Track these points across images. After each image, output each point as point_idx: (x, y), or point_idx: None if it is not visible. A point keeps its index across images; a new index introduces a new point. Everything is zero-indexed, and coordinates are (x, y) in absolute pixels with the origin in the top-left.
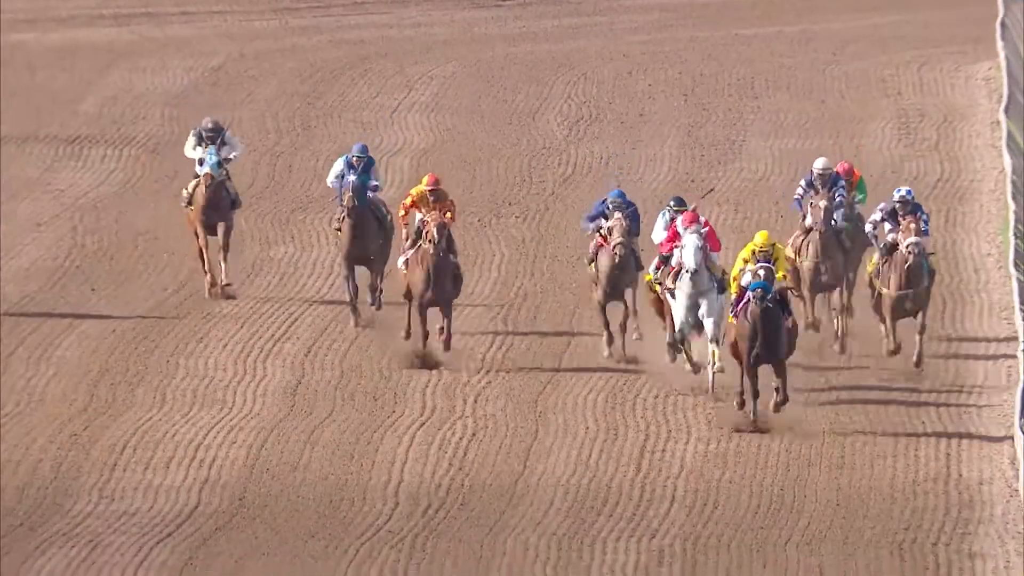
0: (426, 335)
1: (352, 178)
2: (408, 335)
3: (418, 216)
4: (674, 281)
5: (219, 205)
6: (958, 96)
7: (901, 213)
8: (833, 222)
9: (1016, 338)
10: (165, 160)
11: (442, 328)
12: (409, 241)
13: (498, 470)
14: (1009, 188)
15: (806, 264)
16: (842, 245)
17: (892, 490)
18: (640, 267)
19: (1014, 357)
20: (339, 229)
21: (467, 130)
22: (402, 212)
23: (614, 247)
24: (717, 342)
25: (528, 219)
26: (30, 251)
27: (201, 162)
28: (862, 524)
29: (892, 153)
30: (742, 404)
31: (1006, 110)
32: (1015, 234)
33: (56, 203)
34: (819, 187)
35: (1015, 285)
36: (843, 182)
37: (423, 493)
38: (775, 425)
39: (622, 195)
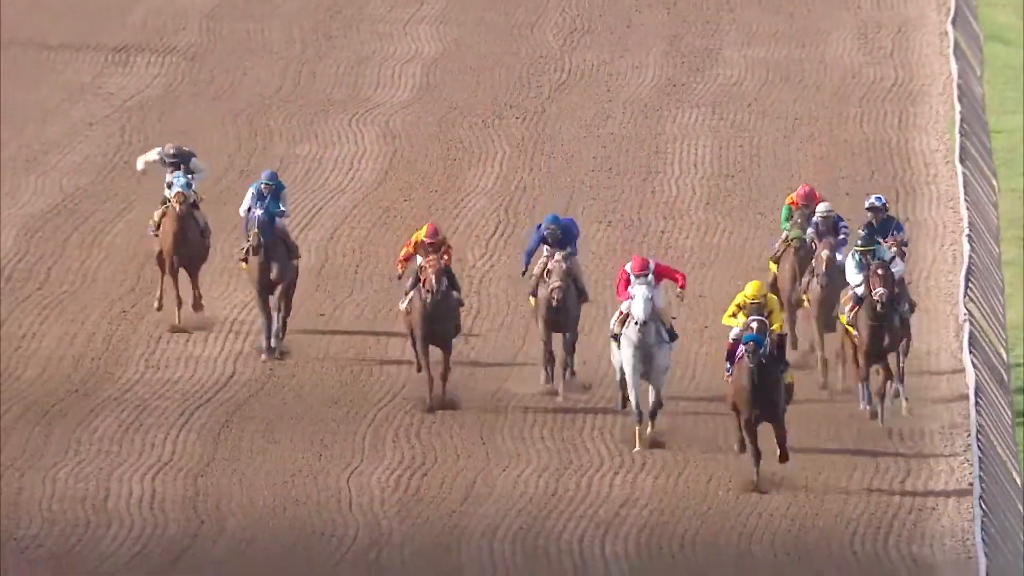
0: (431, 380)
1: (259, 212)
2: (420, 368)
3: (418, 259)
4: (622, 327)
5: (188, 236)
6: (910, 9)
7: (875, 224)
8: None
9: (961, 223)
10: (203, 67)
11: (441, 369)
12: (409, 282)
13: (500, 345)
14: (955, 91)
15: (811, 310)
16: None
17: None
18: (584, 298)
19: (959, 242)
20: (244, 260)
21: (472, 40)
22: (401, 259)
23: (551, 291)
24: (661, 404)
25: (527, 120)
26: (82, 148)
27: (170, 185)
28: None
29: (852, 60)
30: (743, 448)
31: (953, 21)
32: (960, 132)
33: (106, 105)
34: (821, 233)
35: (960, 178)
36: (845, 225)
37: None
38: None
39: (556, 220)
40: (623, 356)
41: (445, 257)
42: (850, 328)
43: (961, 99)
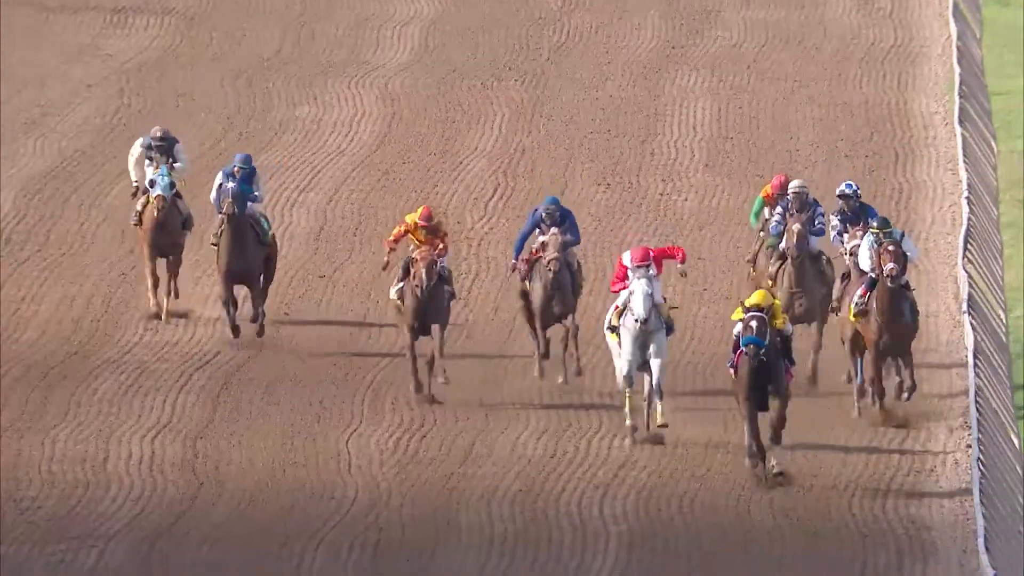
0: (417, 377)
1: (231, 185)
2: (415, 377)
3: (410, 247)
4: (619, 319)
5: (170, 228)
6: None
7: (847, 211)
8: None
9: (960, 185)
10: (202, 29)
11: (431, 363)
12: (400, 273)
13: (499, 307)
14: (955, 53)
15: (780, 295)
16: (822, 273)
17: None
18: (579, 289)
19: (958, 204)
20: (215, 244)
21: (471, 3)
22: (392, 238)
23: (548, 262)
24: (661, 394)
25: (526, 83)
26: (82, 110)
27: (152, 183)
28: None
29: (852, 22)
30: (754, 463)
31: None
32: (959, 94)
33: (104, 67)
34: (794, 210)
35: (959, 140)
36: (821, 210)
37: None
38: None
39: (556, 202)
40: (622, 347)
41: (441, 246)
42: (856, 319)
43: (960, 61)
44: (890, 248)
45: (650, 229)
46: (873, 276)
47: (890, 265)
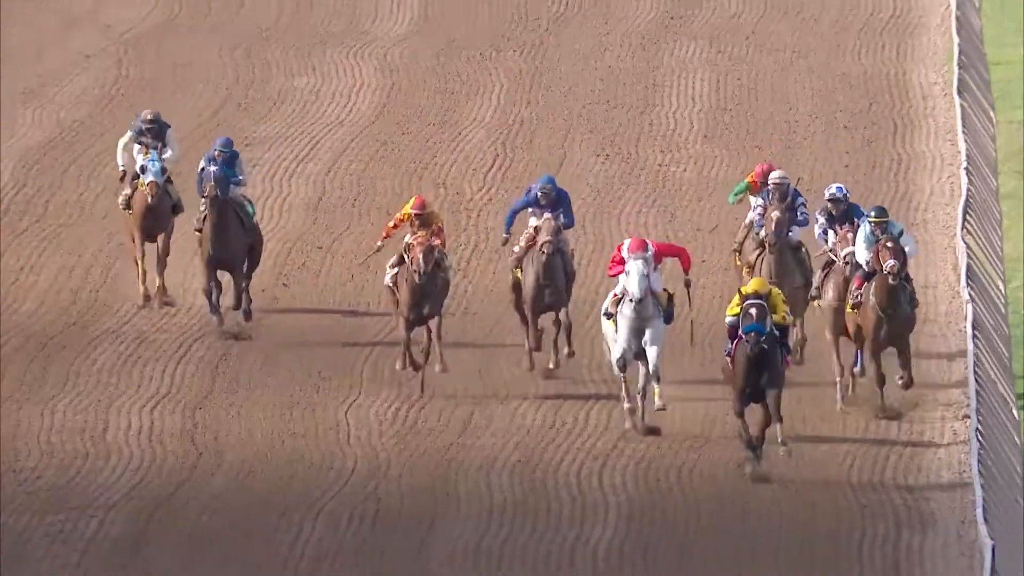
0: (413, 359)
1: (214, 168)
2: (405, 365)
3: (407, 237)
4: (616, 307)
5: (161, 213)
6: None
7: (835, 213)
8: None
9: (959, 156)
10: None
11: (427, 351)
12: (395, 258)
13: (498, 278)
14: (954, 23)
15: None
16: (801, 263)
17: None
18: (572, 276)
19: (957, 175)
20: (199, 230)
21: None
22: (384, 234)
23: (541, 245)
24: (658, 378)
25: (525, 53)
26: (80, 80)
27: (144, 169)
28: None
29: None
30: (753, 449)
31: None
32: (958, 64)
33: (103, 37)
34: (775, 200)
35: (958, 110)
36: (803, 200)
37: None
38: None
39: (552, 181)
40: (619, 335)
41: (437, 240)
42: (853, 311)
43: (959, 31)
44: (888, 244)
45: (648, 200)
46: (867, 269)
47: (891, 262)
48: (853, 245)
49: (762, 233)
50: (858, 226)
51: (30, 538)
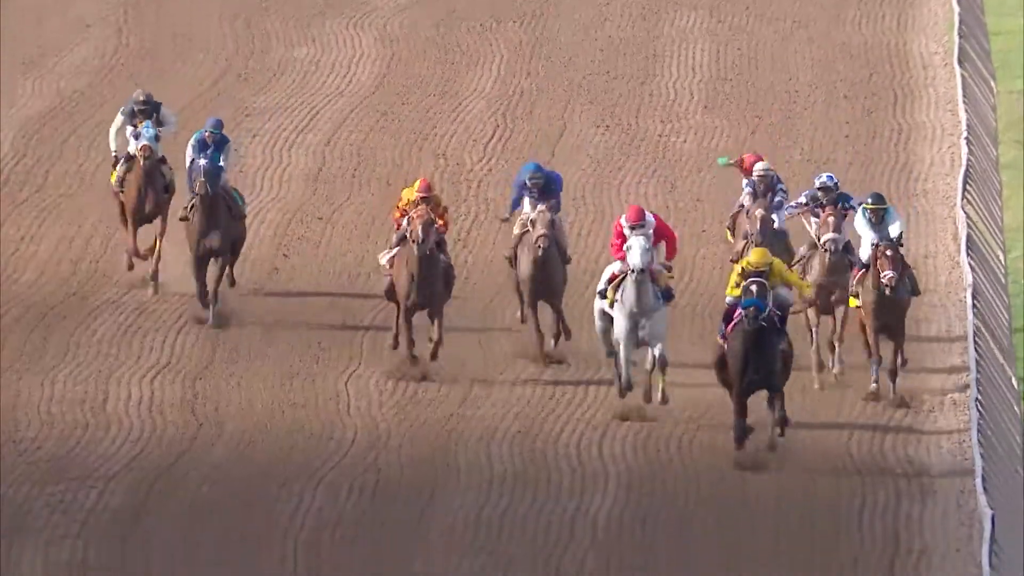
0: (411, 343)
1: (203, 162)
2: (396, 343)
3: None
4: (615, 292)
5: (154, 192)
6: None
7: (824, 201)
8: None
9: (960, 126)
10: None
11: (431, 338)
12: (396, 237)
13: (497, 250)
14: None
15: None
16: (787, 249)
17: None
18: (566, 261)
19: (957, 145)
20: (186, 219)
21: None
22: (396, 227)
23: (536, 239)
24: (663, 370)
25: (525, 24)
26: (80, 50)
27: (137, 136)
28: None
29: None
30: (741, 443)
31: None
32: (959, 34)
33: (102, 5)
34: (760, 192)
35: (959, 80)
36: (783, 186)
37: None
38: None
39: (539, 168)
40: (616, 326)
41: (440, 222)
42: (852, 300)
43: (960, 1)
44: (888, 253)
45: (649, 170)
46: (866, 261)
47: (889, 273)
48: (833, 231)
49: (747, 227)
50: (846, 212)
51: (30, 509)
